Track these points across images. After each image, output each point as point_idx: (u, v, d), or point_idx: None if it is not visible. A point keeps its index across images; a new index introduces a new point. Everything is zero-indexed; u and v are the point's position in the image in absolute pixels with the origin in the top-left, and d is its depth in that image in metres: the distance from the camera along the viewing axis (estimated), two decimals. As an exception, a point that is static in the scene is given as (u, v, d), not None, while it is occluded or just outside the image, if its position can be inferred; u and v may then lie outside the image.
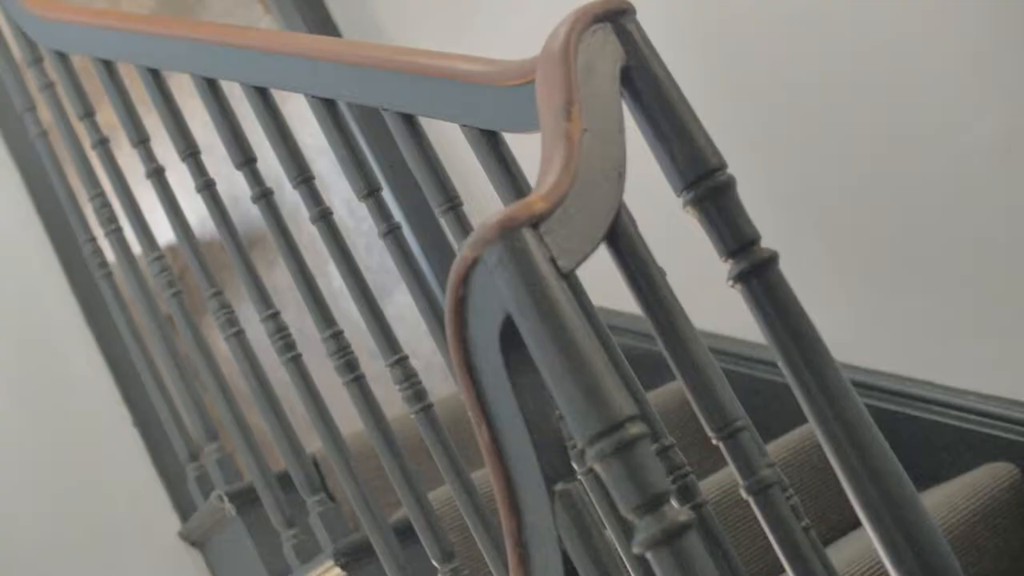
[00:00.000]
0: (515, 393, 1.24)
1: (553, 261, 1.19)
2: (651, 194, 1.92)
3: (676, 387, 3.06)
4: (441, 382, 3.85)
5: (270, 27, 4.28)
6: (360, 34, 3.81)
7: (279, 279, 4.65)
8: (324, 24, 3.82)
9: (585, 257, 1.26)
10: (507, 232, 1.17)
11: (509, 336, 1.19)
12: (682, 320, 1.45)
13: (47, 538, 3.05)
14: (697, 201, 1.45)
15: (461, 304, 1.22)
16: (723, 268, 1.48)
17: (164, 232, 2.89)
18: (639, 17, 1.52)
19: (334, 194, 4.17)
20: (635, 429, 1.11)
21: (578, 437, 1.12)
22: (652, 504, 1.10)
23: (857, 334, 2.78)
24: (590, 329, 1.20)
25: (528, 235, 1.17)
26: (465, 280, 1.20)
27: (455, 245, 3.49)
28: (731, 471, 2.48)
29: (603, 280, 1.77)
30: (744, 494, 1.48)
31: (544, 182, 1.27)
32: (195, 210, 2.91)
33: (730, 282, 1.46)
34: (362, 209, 4.15)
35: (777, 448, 2.70)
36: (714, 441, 1.47)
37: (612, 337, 1.68)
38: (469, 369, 1.26)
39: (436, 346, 2.02)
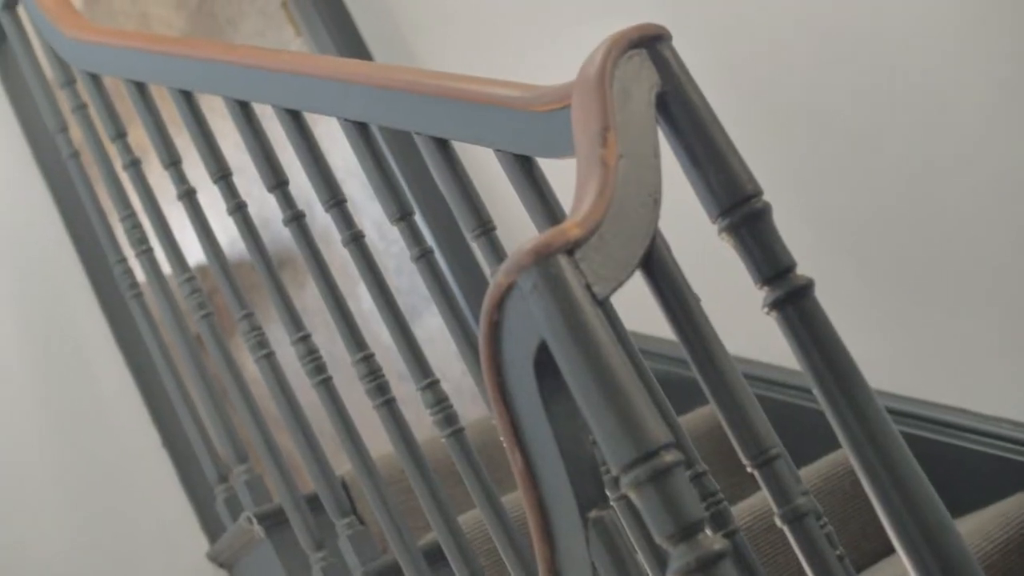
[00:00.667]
0: (549, 419, 1.23)
1: (588, 288, 1.18)
2: (685, 220, 1.91)
3: (705, 412, 3.05)
4: (470, 405, 3.85)
5: (301, 49, 4.29)
6: (391, 57, 3.81)
7: (308, 301, 4.65)
8: (355, 46, 3.83)
9: (620, 284, 1.26)
10: (542, 258, 1.16)
11: (544, 362, 1.19)
12: (717, 347, 1.45)
13: (75, 557, 3.05)
14: (733, 228, 1.45)
15: (495, 330, 1.22)
16: (749, 292, 1.47)
17: (193, 252, 2.90)
18: (674, 43, 1.52)
19: (364, 216, 4.18)
20: (670, 457, 1.11)
21: (613, 464, 1.11)
22: (687, 532, 1.10)
23: (892, 360, 2.77)
24: (625, 356, 1.20)
25: (563, 262, 1.17)
26: (500, 306, 1.20)
27: (487, 270, 3.51)
28: (762, 496, 2.47)
29: (629, 303, 1.76)
30: (779, 522, 1.47)
31: (579, 208, 1.27)
32: (224, 229, 2.91)
33: (765, 309, 1.45)
34: (392, 231, 4.16)
35: (808, 475, 2.69)
36: (749, 469, 1.46)
37: (645, 363, 1.67)
38: (503, 395, 1.26)
39: (466, 369, 2.02)
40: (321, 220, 3.91)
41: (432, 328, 4.05)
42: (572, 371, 1.14)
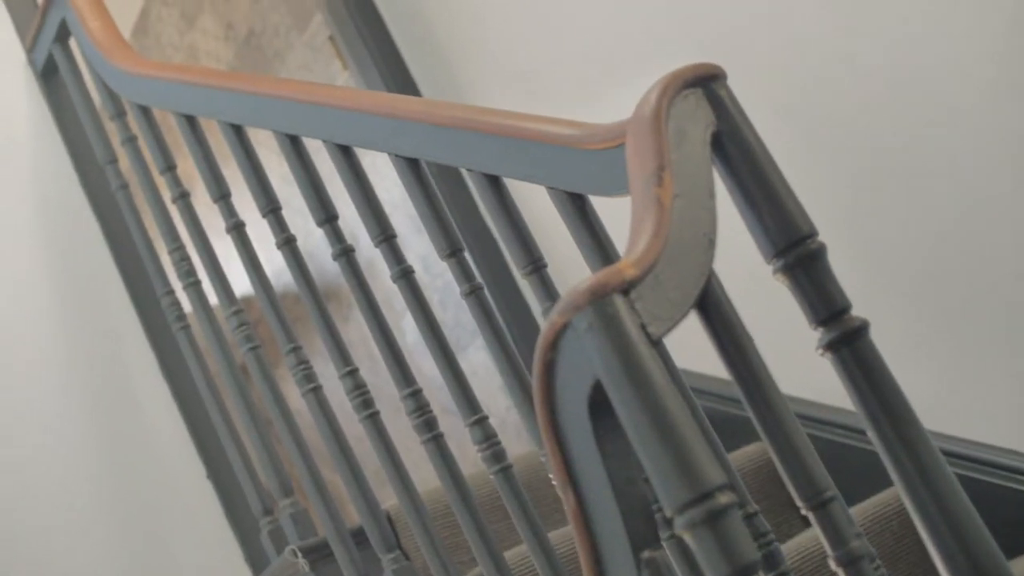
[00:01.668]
0: (603, 459, 1.23)
1: (643, 328, 1.18)
2: (739, 259, 1.91)
3: (749, 451, 3.04)
4: (514, 440, 3.85)
5: (348, 83, 4.31)
6: (438, 92, 3.82)
7: (351, 334, 4.66)
8: (403, 81, 3.84)
9: (675, 324, 1.26)
10: (598, 298, 1.16)
11: (598, 402, 1.19)
12: (771, 388, 1.44)
13: (120, 589, 3.06)
14: (788, 268, 1.45)
15: (550, 369, 1.22)
16: (796, 331, 1.46)
17: (238, 282, 2.90)
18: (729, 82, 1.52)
19: (408, 249, 4.19)
20: (725, 498, 1.10)
21: (667, 505, 1.11)
22: (741, 574, 1.09)
23: (946, 401, 2.75)
24: (680, 396, 1.19)
25: (619, 301, 1.17)
26: (554, 345, 1.20)
27: (537, 307, 3.51)
28: (809, 536, 2.46)
29: (669, 340, 1.76)
30: (833, 565, 1.46)
31: (635, 248, 1.27)
32: (268, 261, 2.92)
33: (819, 350, 1.45)
34: (437, 265, 4.16)
35: (856, 514, 2.67)
36: (804, 511, 1.45)
37: (697, 402, 1.67)
38: (556, 433, 1.25)
39: (511, 404, 2.02)
40: (365, 253, 3.93)
41: (476, 362, 4.05)
42: (627, 411, 1.14)
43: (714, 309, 1.44)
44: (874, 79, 2.73)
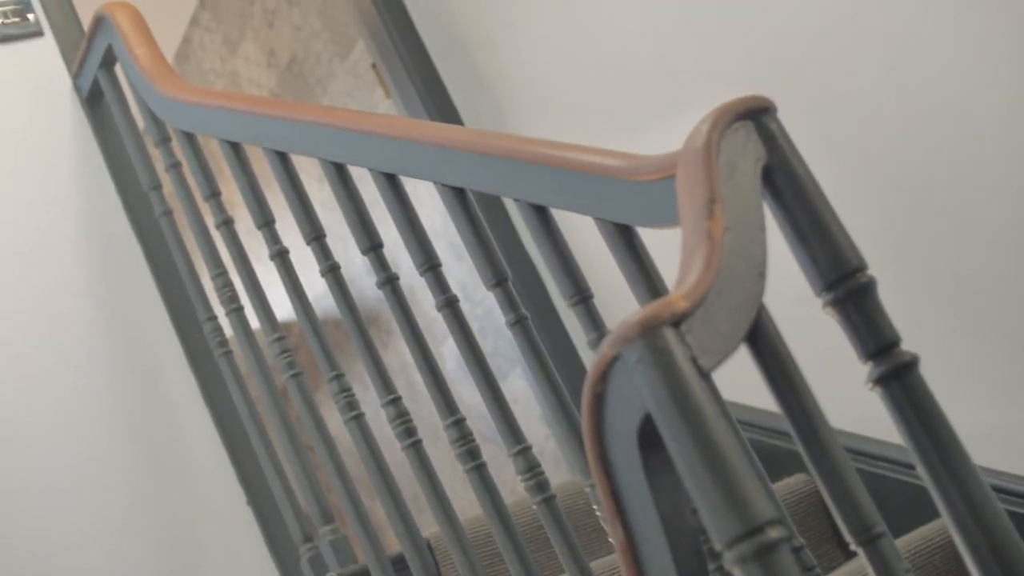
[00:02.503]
0: (652, 491, 1.23)
1: (694, 360, 1.18)
2: (786, 291, 1.90)
3: (792, 483, 3.03)
4: (553, 469, 3.84)
5: (390, 111, 4.32)
6: (480, 120, 3.83)
7: (390, 361, 4.67)
8: (445, 109, 3.85)
9: (726, 357, 1.25)
10: (649, 330, 1.16)
11: (647, 434, 1.19)
12: (821, 422, 1.44)
13: (159, 614, 3.07)
14: (838, 302, 1.44)
15: (599, 401, 1.21)
16: (838, 364, 1.46)
17: (277, 307, 2.91)
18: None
19: (448, 276, 4.18)
20: (775, 533, 1.10)
21: (716, 539, 1.10)
22: (791, 609, 1.09)
23: (996, 436, 2.73)
24: (730, 429, 1.19)
25: (670, 334, 1.17)
26: (604, 377, 1.20)
27: (577, 337, 3.51)
28: (850, 569, 2.45)
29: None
30: (881, 601, 1.45)
31: (685, 280, 1.27)
32: (307, 286, 2.93)
33: (869, 384, 1.44)
34: (477, 293, 4.17)
35: (900, 547, 2.65)
36: (853, 546, 1.45)
37: (744, 436, 1.66)
38: (605, 465, 1.25)
39: (550, 433, 2.02)
40: (403, 279, 3.93)
41: (515, 391, 4.05)
42: (677, 444, 1.13)
43: (764, 342, 1.43)
44: (923, 111, 2.72)
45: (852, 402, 1.76)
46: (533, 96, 3.72)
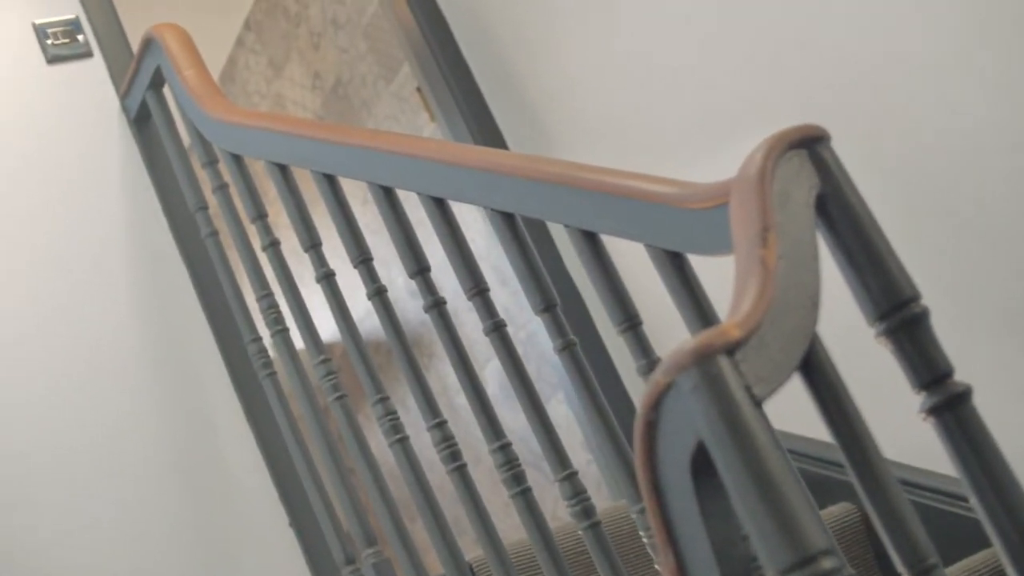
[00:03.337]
0: (703, 519, 1.22)
1: (748, 389, 1.18)
2: (837, 320, 1.90)
3: (835, 511, 3.02)
4: (594, 493, 3.83)
5: (434, 134, 4.34)
6: (524, 144, 3.84)
7: (431, 384, 4.67)
8: (489, 133, 3.86)
9: (779, 386, 1.25)
10: (703, 359, 1.16)
11: (700, 462, 1.18)
12: (874, 453, 1.43)
13: (200, 634, 3.07)
14: (891, 332, 1.44)
15: (652, 428, 1.21)
16: (890, 394, 1.45)
17: (320, 329, 2.92)
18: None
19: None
20: (828, 563, 1.10)
21: (769, 568, 1.10)
22: (844, 640, 1.08)
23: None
24: (784, 458, 1.19)
25: (724, 362, 1.16)
26: (657, 404, 1.19)
27: (623, 363, 3.50)
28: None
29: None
30: (933, 632, 1.45)
31: (739, 309, 1.26)
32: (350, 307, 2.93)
33: (922, 414, 1.44)
34: (520, 317, 4.17)
35: (945, 578, 2.64)
36: (905, 578, 1.44)
37: (794, 465, 1.66)
38: (657, 493, 1.25)
39: (591, 458, 2.02)
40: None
41: (557, 416, 4.05)
42: (731, 473, 1.13)
43: (818, 372, 1.43)
44: (974, 139, 2.71)
45: (902, 432, 1.74)
46: (577, 121, 3.72)
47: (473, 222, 4.19)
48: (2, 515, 3.05)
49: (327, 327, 3.05)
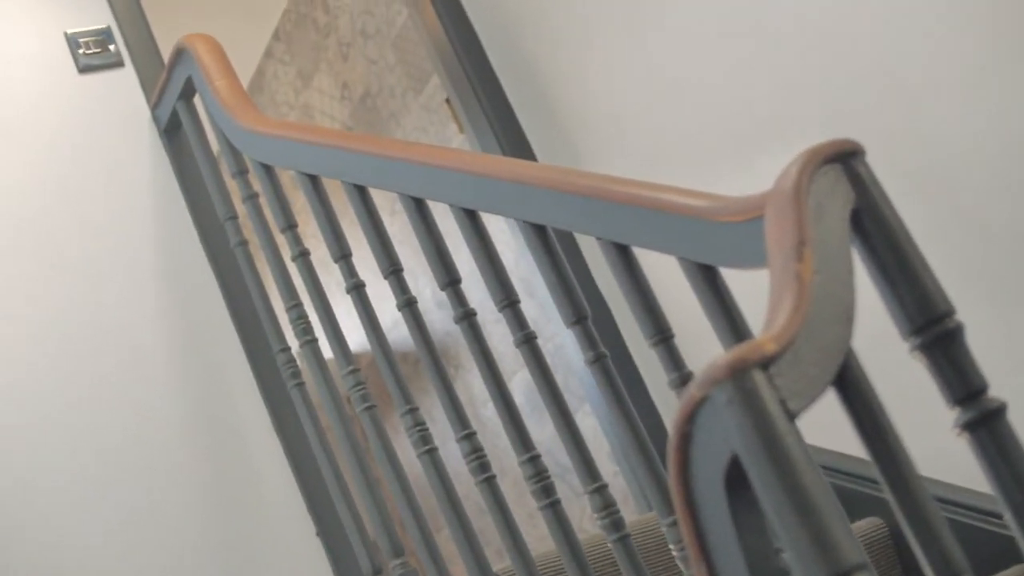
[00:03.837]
0: (737, 533, 1.22)
1: (783, 403, 1.18)
2: (871, 334, 1.90)
3: (863, 526, 3.01)
4: (620, 506, 3.83)
5: (463, 145, 4.34)
6: (553, 157, 3.84)
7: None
8: (518, 145, 3.86)
9: (814, 400, 1.25)
10: (738, 373, 1.16)
11: (734, 476, 1.18)
12: (909, 468, 1.43)
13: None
14: (925, 347, 1.44)
15: (686, 442, 1.21)
16: (924, 409, 1.45)
17: (349, 339, 2.92)
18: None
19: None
20: (862, 578, 1.09)
21: (803, 583, 1.10)
22: (879, 657, 1.08)
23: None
24: (818, 473, 1.19)
25: (758, 376, 1.16)
26: (692, 418, 1.20)
27: (651, 377, 3.50)
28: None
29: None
30: (967, 648, 1.44)
31: (774, 323, 1.26)
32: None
33: (956, 430, 1.43)
34: (546, 330, 4.17)
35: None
36: (939, 594, 1.44)
37: (826, 480, 1.66)
38: (690, 506, 1.25)
39: (618, 471, 2.01)
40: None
41: (583, 428, 4.05)
42: (766, 487, 1.13)
43: (852, 386, 1.43)
44: (1005, 152, 2.70)
45: (936, 448, 1.74)
46: (606, 134, 3.72)
47: (500, 233, 4.20)
48: (30, 519, 3.06)
49: (353, 337, 3.05)
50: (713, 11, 3.29)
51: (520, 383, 4.60)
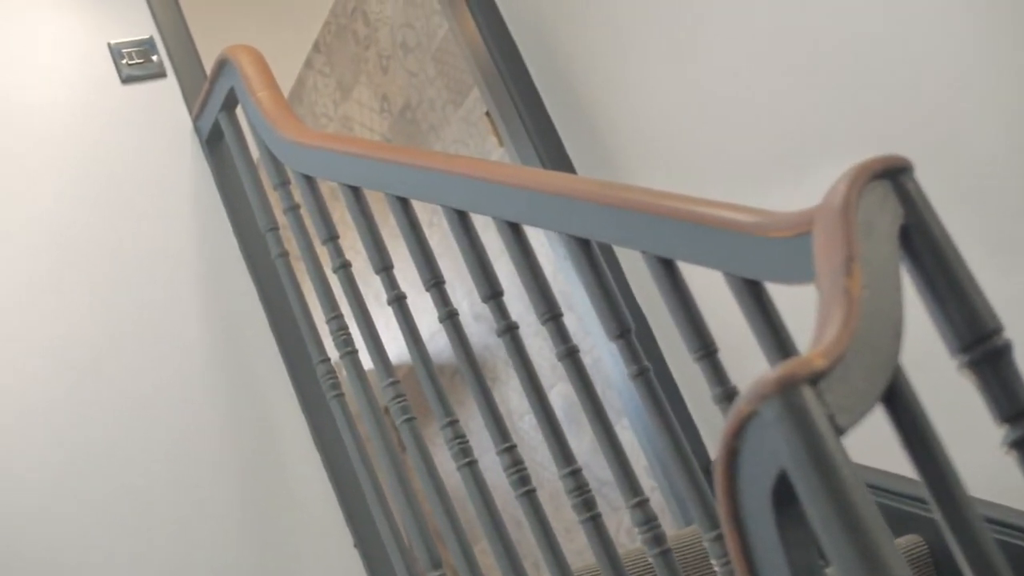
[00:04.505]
0: (784, 549, 1.22)
1: (832, 419, 1.17)
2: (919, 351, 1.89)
3: (902, 543, 3.00)
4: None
5: (502, 158, 4.34)
6: (593, 170, 3.84)
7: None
8: (558, 158, 3.87)
9: (862, 416, 1.25)
10: (786, 388, 1.16)
11: (782, 492, 1.18)
12: (959, 488, 1.42)
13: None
14: (974, 364, 1.43)
15: (733, 457, 1.21)
16: (972, 427, 1.45)
17: (388, 350, 2.92)
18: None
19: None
20: (910, 595, 1.09)
21: (851, 599, 1.10)
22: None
23: None
24: (866, 489, 1.18)
25: (808, 392, 1.16)
26: (739, 433, 1.19)
27: (694, 391, 3.49)
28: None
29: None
30: (1013, 668, 1.43)
31: (822, 338, 1.26)
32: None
33: (1004, 447, 1.43)
34: (583, 343, 4.17)
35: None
36: (988, 613, 1.43)
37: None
38: (737, 521, 1.25)
39: (656, 485, 2.01)
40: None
41: (621, 442, 4.04)
42: (814, 503, 1.13)
43: (901, 403, 1.42)
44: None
45: (982, 466, 1.73)
46: (646, 148, 3.72)
47: (538, 247, 4.20)
48: (69, 531, 3.07)
49: (390, 348, 3.06)
50: (755, 26, 3.28)
51: (556, 397, 4.60)
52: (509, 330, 2.27)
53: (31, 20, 3.64)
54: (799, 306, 1.82)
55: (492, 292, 2.30)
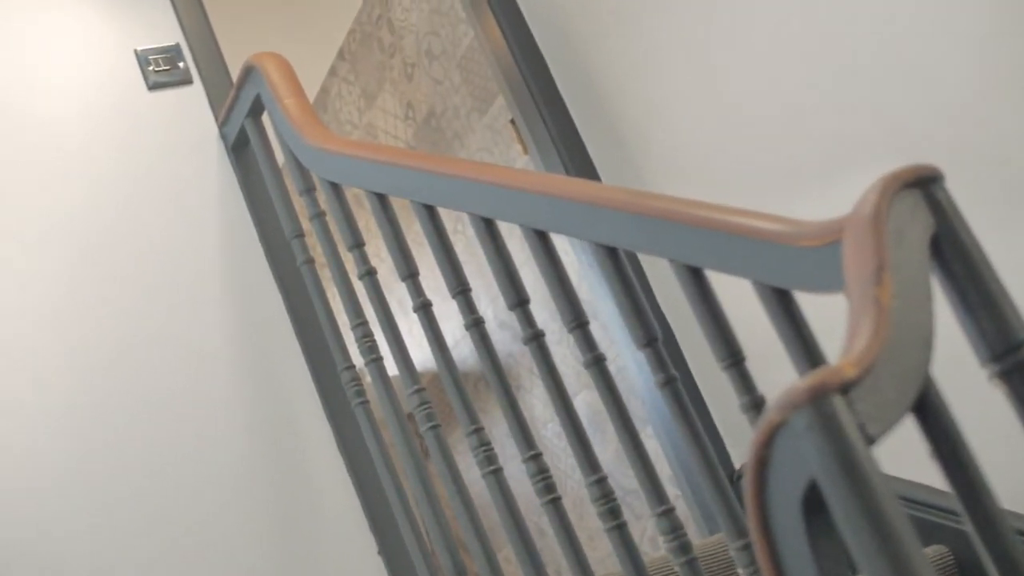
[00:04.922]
0: (814, 558, 1.22)
1: (862, 428, 1.17)
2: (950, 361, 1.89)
3: (928, 553, 2.99)
4: (681, 530, 3.81)
5: (527, 166, 4.34)
6: (618, 178, 3.84)
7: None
8: (582, 166, 3.86)
9: (893, 426, 1.25)
10: (817, 397, 1.15)
11: (812, 501, 1.18)
12: (989, 499, 1.42)
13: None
14: (1005, 374, 1.43)
15: (763, 466, 1.21)
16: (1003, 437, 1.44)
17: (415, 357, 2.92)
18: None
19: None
20: (941, 606, 1.09)
21: (880, 609, 1.09)
22: None
23: None
24: (896, 499, 1.18)
25: (838, 401, 1.16)
26: (770, 442, 1.19)
27: (720, 400, 3.49)
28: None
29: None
30: None
31: (853, 347, 1.26)
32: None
33: (1035, 458, 1.43)
34: (609, 352, 4.16)
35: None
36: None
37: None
38: (767, 530, 1.25)
39: (680, 493, 2.01)
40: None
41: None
42: (844, 512, 1.13)
43: (931, 412, 1.42)
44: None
45: (1014, 476, 1.73)
46: (672, 157, 3.72)
47: (563, 255, 4.20)
48: (91, 535, 3.08)
49: (415, 355, 3.06)
50: (783, 36, 3.28)
51: (580, 404, 4.60)
52: (536, 338, 2.27)
53: (59, 28, 3.66)
54: (827, 315, 1.82)
55: (519, 300, 2.30)
